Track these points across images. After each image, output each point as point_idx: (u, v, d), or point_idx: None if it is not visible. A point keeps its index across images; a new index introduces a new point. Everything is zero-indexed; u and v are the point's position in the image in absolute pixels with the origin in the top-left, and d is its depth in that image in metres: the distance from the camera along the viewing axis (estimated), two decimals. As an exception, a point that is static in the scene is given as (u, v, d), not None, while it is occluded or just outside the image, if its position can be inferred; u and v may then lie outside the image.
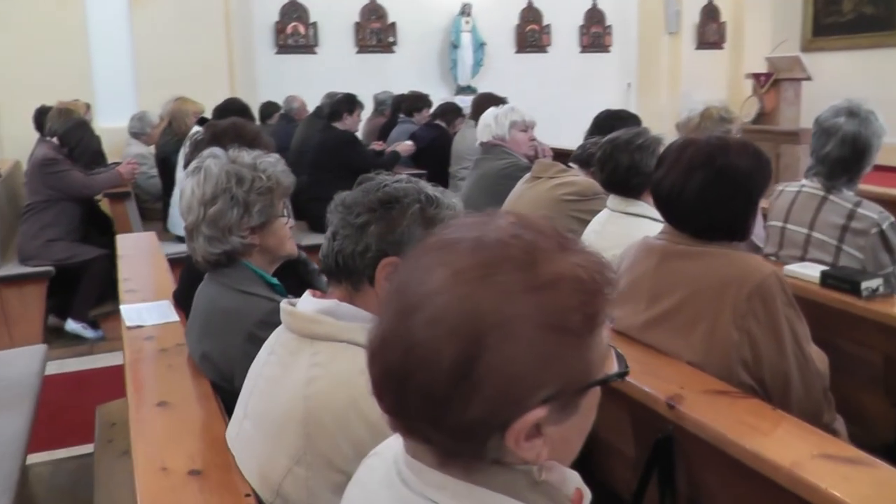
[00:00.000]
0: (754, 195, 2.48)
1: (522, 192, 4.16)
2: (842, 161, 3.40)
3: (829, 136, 3.44)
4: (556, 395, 1.01)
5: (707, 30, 12.32)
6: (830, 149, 3.42)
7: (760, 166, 2.49)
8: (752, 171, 2.46)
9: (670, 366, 2.37)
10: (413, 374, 1.00)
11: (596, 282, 1.03)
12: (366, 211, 1.79)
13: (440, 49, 11.73)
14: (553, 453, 1.07)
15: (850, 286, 3.07)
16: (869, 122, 3.44)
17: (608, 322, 1.08)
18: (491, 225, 1.07)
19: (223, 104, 6.23)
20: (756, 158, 2.49)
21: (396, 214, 1.77)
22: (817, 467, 1.77)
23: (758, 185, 2.49)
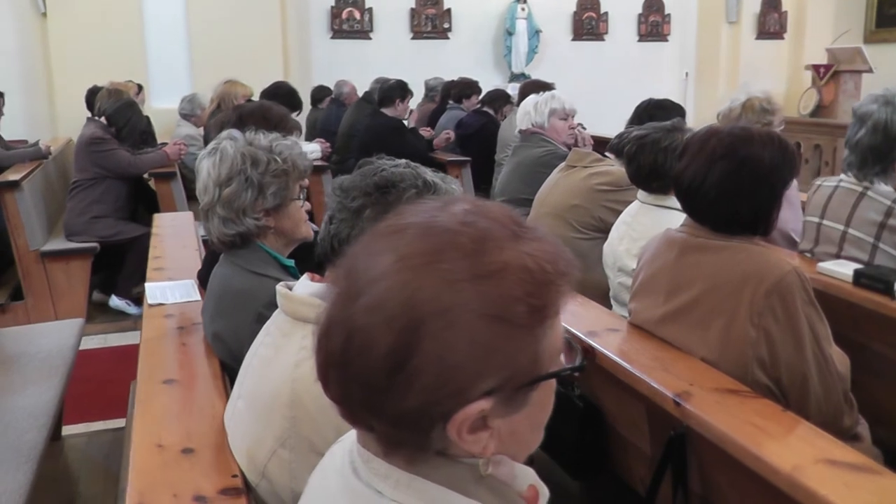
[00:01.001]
0: (778, 188, 2.41)
1: (557, 181, 4.11)
2: (873, 149, 3.29)
3: (861, 123, 3.35)
4: (501, 387, 0.98)
5: (768, 19, 12.05)
6: (861, 136, 3.33)
7: (785, 158, 2.42)
8: (776, 163, 2.39)
9: (683, 361, 2.32)
10: (352, 362, 0.98)
11: (546, 272, 0.99)
12: (361, 195, 1.77)
13: (495, 36, 11.62)
14: (502, 447, 1.04)
15: (883, 286, 2.98)
16: None
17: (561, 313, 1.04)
18: (445, 211, 1.04)
19: (271, 87, 6.28)
20: (781, 150, 2.42)
21: (392, 199, 1.74)
22: (819, 473, 1.71)
23: (782, 177, 2.41)
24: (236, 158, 2.42)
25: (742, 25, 11.98)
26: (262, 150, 2.44)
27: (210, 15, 9.55)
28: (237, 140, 2.48)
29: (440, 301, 0.94)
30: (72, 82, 8.62)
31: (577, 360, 1.10)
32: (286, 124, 3.08)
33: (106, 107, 6.51)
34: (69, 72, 8.98)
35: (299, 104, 6.42)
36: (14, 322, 5.53)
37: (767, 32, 12.14)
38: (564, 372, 1.07)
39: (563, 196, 3.96)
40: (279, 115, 3.12)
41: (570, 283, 1.04)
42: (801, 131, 9.24)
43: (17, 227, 5.92)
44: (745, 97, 4.08)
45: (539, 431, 1.11)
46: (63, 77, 9.10)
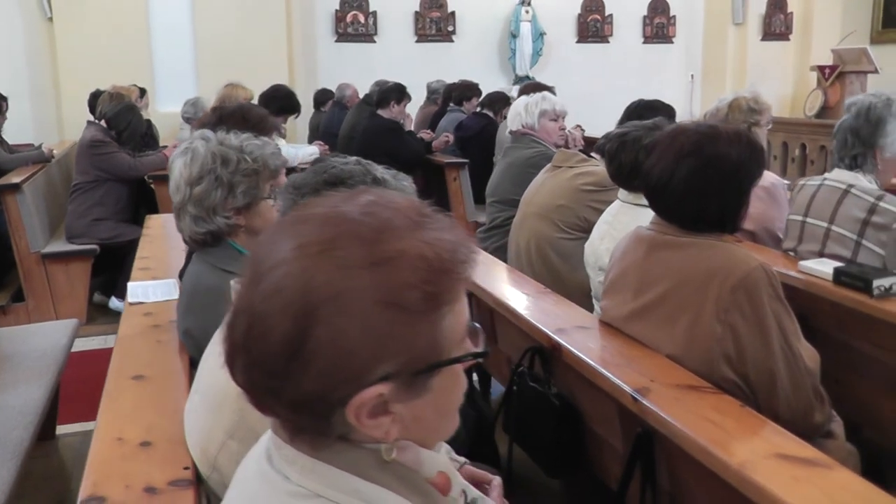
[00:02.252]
0: (745, 185, 2.42)
1: (543, 181, 4.12)
2: (853, 130, 3.34)
3: (848, 111, 3.43)
4: (398, 372, 1.00)
5: (774, 21, 12.00)
6: (845, 119, 3.40)
7: (752, 156, 2.43)
8: (743, 160, 2.39)
9: (649, 358, 2.33)
10: (253, 348, 1.00)
11: (443, 260, 1.01)
12: (311, 192, 1.79)
13: (500, 39, 11.63)
14: (406, 433, 1.06)
15: (862, 284, 2.97)
16: (890, 105, 3.37)
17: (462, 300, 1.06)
18: (349, 202, 1.06)
19: (269, 90, 6.33)
20: (749, 148, 2.42)
21: None
22: (768, 468, 1.72)
23: (749, 174, 2.42)
24: (207, 158, 2.44)
25: (748, 27, 11.95)
26: (232, 149, 2.46)
27: (215, 19, 9.61)
28: (209, 140, 2.51)
29: (334, 287, 0.96)
30: (78, 86, 8.66)
31: (480, 347, 1.11)
32: (265, 125, 3.11)
33: (106, 110, 6.56)
34: (75, 76, 9.05)
35: (297, 106, 6.45)
36: (15, 323, 5.57)
37: (773, 34, 12.10)
38: (465, 358, 1.08)
39: (549, 196, 3.97)
40: (258, 115, 3.14)
41: (469, 271, 1.06)
42: (806, 132, 9.21)
43: (18, 229, 5.97)
44: (733, 97, 4.09)
45: (449, 418, 1.13)
46: (69, 81, 9.17)
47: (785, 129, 9.48)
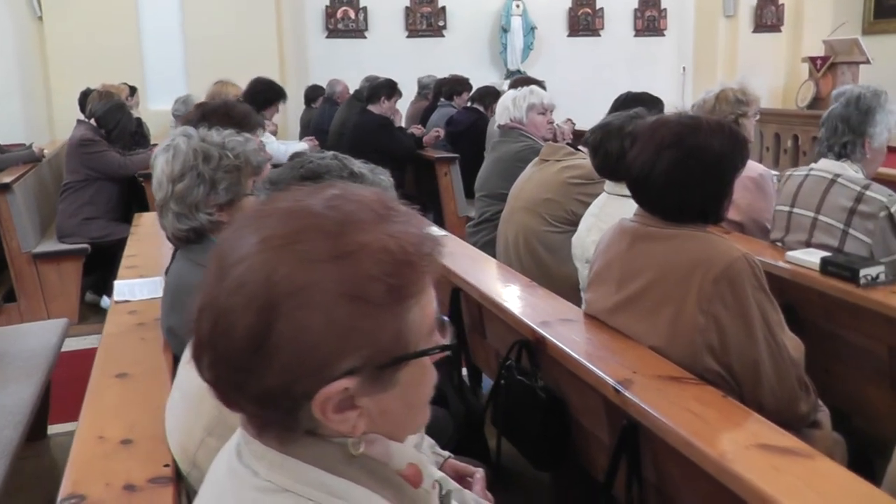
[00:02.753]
0: (727, 176, 2.41)
1: (531, 175, 4.12)
2: (843, 118, 3.36)
3: (837, 99, 3.46)
4: (363, 366, 1.00)
5: (765, 12, 11.99)
6: (835, 107, 3.41)
7: (735, 147, 2.43)
8: (725, 151, 2.39)
9: (632, 350, 2.33)
10: (218, 343, 1.00)
11: (406, 252, 1.01)
12: (287, 188, 1.78)
13: (490, 33, 11.60)
14: (374, 426, 1.06)
15: (849, 273, 2.98)
16: (879, 96, 3.39)
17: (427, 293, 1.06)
18: (313, 196, 1.06)
19: (248, 88, 6.34)
20: (731, 138, 2.42)
21: None
22: (748, 457, 1.72)
23: (732, 165, 2.42)
24: (188, 154, 2.44)
25: (739, 19, 11.93)
26: (214, 146, 2.46)
27: (205, 17, 9.59)
28: (191, 137, 2.51)
29: (296, 281, 0.96)
30: (68, 85, 8.64)
31: (447, 339, 1.11)
32: (250, 121, 3.10)
33: (96, 108, 6.55)
34: (66, 75, 9.03)
35: (281, 92, 6.46)
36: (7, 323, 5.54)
37: (765, 25, 12.09)
38: (432, 351, 1.07)
39: (536, 190, 3.97)
40: (242, 112, 3.13)
41: (434, 263, 1.05)
42: (799, 124, 9.19)
43: (9, 229, 5.95)
44: (720, 88, 4.08)
45: (418, 411, 1.12)
46: (60, 80, 9.15)
47: (777, 121, 9.47)
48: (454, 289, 3.34)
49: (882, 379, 2.99)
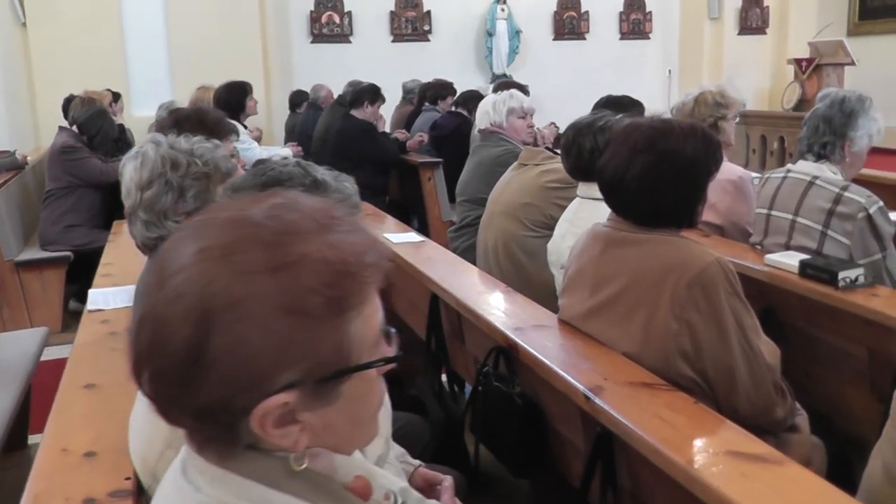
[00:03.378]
0: (700, 179, 2.40)
1: (510, 179, 4.10)
2: (826, 118, 3.34)
3: (821, 100, 3.44)
4: (302, 380, 0.98)
5: (750, 15, 12.02)
6: (818, 107, 3.40)
7: (708, 151, 2.41)
8: (697, 154, 2.37)
9: (605, 356, 2.31)
10: (155, 355, 0.98)
11: (347, 263, 0.99)
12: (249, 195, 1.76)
13: (476, 37, 11.60)
14: (317, 440, 1.04)
15: (828, 276, 2.96)
16: (863, 101, 3.38)
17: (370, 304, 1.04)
18: (255, 205, 1.04)
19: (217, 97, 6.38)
20: (704, 142, 2.41)
21: None
22: (717, 465, 1.70)
23: (705, 169, 2.40)
24: (157, 162, 2.41)
25: (724, 21, 11.96)
26: (182, 153, 2.44)
27: (189, 23, 9.56)
28: (159, 144, 2.48)
29: (232, 293, 0.94)
30: (53, 91, 8.61)
31: (392, 351, 1.09)
32: (223, 127, 3.08)
33: (78, 115, 6.52)
34: (50, 81, 9.00)
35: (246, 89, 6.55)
36: (-11, 332, 5.52)
37: (750, 28, 12.12)
38: (376, 364, 1.05)
39: (515, 194, 3.95)
40: (215, 118, 3.11)
41: (377, 274, 1.03)
42: (784, 125, 9.20)
43: (-8, 237, 5.92)
44: (699, 91, 4.07)
45: (365, 424, 1.11)
46: (44, 87, 9.12)
47: (763, 123, 9.49)
48: (433, 295, 3.32)
49: (861, 381, 2.98)
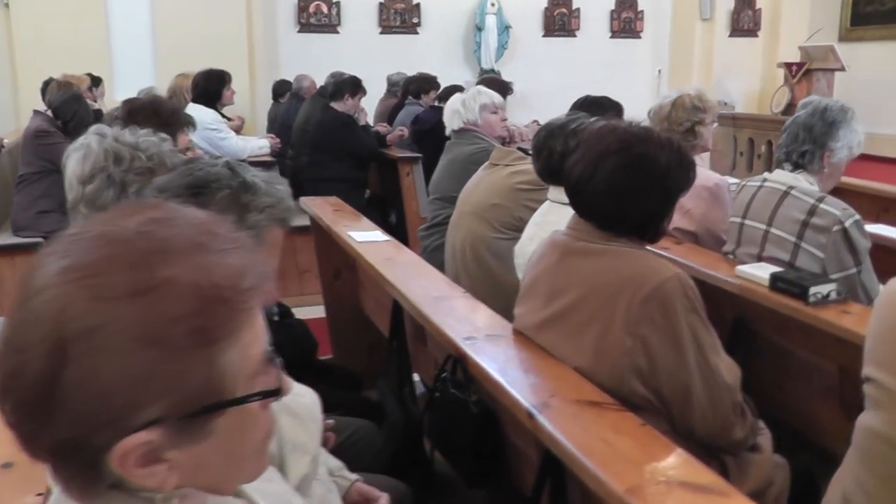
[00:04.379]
0: (671, 192, 2.32)
1: (480, 179, 4.01)
2: (806, 126, 3.26)
3: (803, 107, 3.37)
4: (166, 417, 0.88)
5: (742, 16, 11.94)
6: (799, 115, 3.33)
7: (682, 166, 2.33)
8: (671, 166, 2.29)
9: (554, 370, 2.22)
10: (11, 385, 0.89)
11: (219, 288, 0.90)
12: (173, 196, 1.69)
13: (465, 31, 11.48)
14: (189, 480, 0.95)
15: (798, 290, 2.88)
16: (845, 111, 3.31)
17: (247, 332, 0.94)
18: (130, 217, 0.94)
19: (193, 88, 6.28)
20: (678, 156, 2.33)
21: (203, 201, 1.67)
22: (655, 494, 1.60)
23: (676, 183, 2.32)
24: (99, 155, 2.35)
25: (716, 22, 11.87)
26: (126, 146, 2.36)
27: (175, 8, 9.45)
28: (104, 136, 2.41)
29: (88, 321, 0.85)
30: (35, 74, 8.44)
31: (274, 383, 0.99)
32: (177, 119, 2.99)
33: (53, 99, 6.42)
34: (32, 64, 8.86)
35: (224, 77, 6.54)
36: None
37: (741, 30, 12.04)
38: (250, 399, 0.96)
39: (485, 195, 3.86)
40: (170, 109, 3.02)
41: (256, 299, 0.94)
42: (773, 129, 9.12)
43: (-38, 222, 5.82)
44: (677, 94, 3.99)
45: (245, 461, 1.01)
46: (26, 69, 8.99)
47: (752, 126, 9.44)
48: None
49: (832, 397, 2.91)
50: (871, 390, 1.87)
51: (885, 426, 1.81)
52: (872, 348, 1.91)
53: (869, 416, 1.88)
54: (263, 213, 1.71)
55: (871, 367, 1.87)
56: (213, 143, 6.30)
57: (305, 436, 1.80)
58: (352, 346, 4.40)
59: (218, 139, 6.32)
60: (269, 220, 1.73)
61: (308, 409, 1.87)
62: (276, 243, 1.78)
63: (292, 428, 1.78)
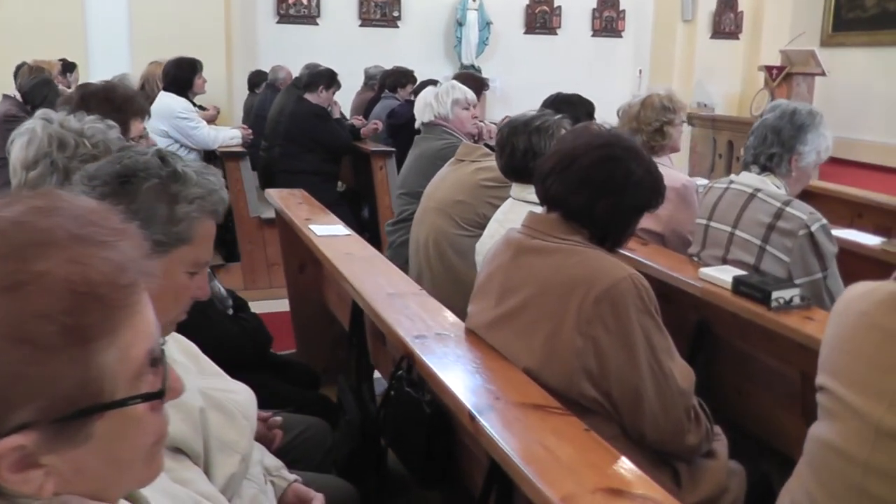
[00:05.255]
0: (640, 204, 2.31)
1: (446, 175, 3.95)
2: (775, 129, 3.22)
3: (772, 110, 3.34)
4: (38, 421, 0.83)
5: (724, 19, 11.91)
6: (767, 117, 3.28)
7: (654, 187, 2.33)
8: (643, 181, 2.29)
9: (501, 371, 2.16)
10: None
11: (94, 284, 0.85)
12: (101, 184, 1.64)
13: (446, 26, 11.39)
14: (68, 486, 0.89)
15: (760, 295, 2.83)
16: (814, 115, 3.27)
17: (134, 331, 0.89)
18: (12, 206, 0.89)
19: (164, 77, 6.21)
20: (653, 179, 2.33)
21: (131, 189, 1.63)
22: (590, 503, 1.55)
23: (646, 198, 2.32)
24: (44, 140, 2.30)
25: (697, 24, 11.83)
26: (71, 132, 2.31)
27: (152, -6, 9.34)
28: (50, 121, 2.35)
29: None
30: (9, 58, 8.30)
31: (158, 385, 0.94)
32: (131, 106, 2.91)
33: (23, 84, 6.39)
34: (7, 48, 8.71)
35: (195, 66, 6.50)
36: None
37: (723, 32, 12.02)
38: (130, 401, 0.90)
39: (449, 191, 3.81)
40: (124, 96, 2.94)
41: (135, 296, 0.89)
42: (752, 133, 9.13)
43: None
44: (646, 94, 3.95)
45: (131, 466, 0.95)
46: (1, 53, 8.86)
47: (731, 128, 9.41)
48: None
49: (793, 404, 2.87)
50: (824, 399, 1.82)
51: (836, 437, 1.75)
52: (827, 357, 1.86)
53: (821, 426, 1.82)
54: (193, 203, 1.66)
55: (825, 376, 1.83)
56: (184, 132, 6.23)
57: (235, 434, 1.75)
58: (315, 341, 4.34)
59: (188, 128, 6.24)
60: (199, 212, 1.68)
61: (241, 406, 1.81)
62: (208, 235, 1.73)
63: (221, 426, 1.72)
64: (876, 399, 1.64)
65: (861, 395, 1.69)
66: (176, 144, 6.18)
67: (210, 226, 1.73)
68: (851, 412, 1.70)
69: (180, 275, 1.70)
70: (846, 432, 1.73)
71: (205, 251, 1.73)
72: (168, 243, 1.65)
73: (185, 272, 1.70)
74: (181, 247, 1.68)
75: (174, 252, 1.67)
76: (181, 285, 1.71)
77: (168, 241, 1.65)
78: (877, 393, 1.65)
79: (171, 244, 1.66)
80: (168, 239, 1.65)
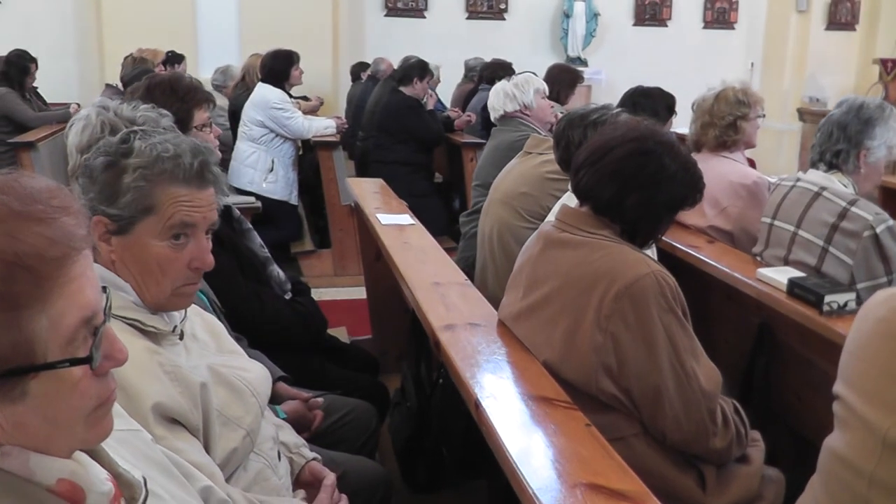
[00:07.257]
0: (674, 202, 2.28)
1: (513, 167, 3.96)
2: (841, 125, 3.12)
3: (839, 105, 3.23)
4: None
5: (840, 9, 11.51)
6: (834, 112, 3.19)
7: (691, 183, 2.29)
8: (678, 175, 2.25)
9: (520, 363, 2.17)
10: None
11: (23, 255, 0.94)
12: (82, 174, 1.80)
13: (552, 18, 11.35)
14: (9, 438, 1.00)
15: (814, 298, 2.73)
16: (883, 108, 3.16)
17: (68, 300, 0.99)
18: None
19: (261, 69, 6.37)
20: (691, 175, 2.29)
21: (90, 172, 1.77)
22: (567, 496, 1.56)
23: (681, 195, 2.28)
24: (97, 127, 2.43)
25: (812, 14, 11.48)
26: (123, 120, 2.44)
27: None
28: (106, 109, 2.49)
29: None
30: (121, 48, 8.70)
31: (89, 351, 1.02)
32: (194, 96, 3.02)
33: (125, 73, 6.61)
34: (119, 38, 9.12)
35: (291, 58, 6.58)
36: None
37: (838, 23, 11.61)
38: (59, 364, 0.99)
39: (515, 183, 3.81)
40: (187, 86, 3.05)
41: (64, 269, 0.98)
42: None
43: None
44: (721, 87, 3.85)
45: (71, 426, 1.04)
46: (113, 43, 9.26)
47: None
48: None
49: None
50: (839, 408, 1.75)
51: (846, 448, 1.68)
52: (845, 364, 1.79)
53: (834, 436, 1.76)
54: (136, 172, 1.69)
55: (840, 384, 1.76)
56: (279, 122, 6.38)
57: (241, 410, 1.81)
58: (389, 328, 4.40)
59: (283, 118, 6.38)
60: (144, 180, 1.69)
61: (251, 383, 1.87)
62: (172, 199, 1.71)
63: (226, 401, 1.78)
64: (884, 410, 1.57)
65: (870, 404, 1.61)
66: (271, 134, 6.35)
67: (174, 191, 1.71)
68: (861, 423, 1.63)
69: (155, 246, 1.71)
70: (855, 443, 1.66)
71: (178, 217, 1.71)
72: (128, 217, 1.69)
73: (161, 242, 1.71)
74: (145, 218, 1.69)
75: (140, 225, 1.69)
76: (162, 256, 1.71)
77: (127, 214, 1.69)
78: (885, 404, 1.58)
79: (133, 217, 1.69)
80: (126, 213, 1.69)
